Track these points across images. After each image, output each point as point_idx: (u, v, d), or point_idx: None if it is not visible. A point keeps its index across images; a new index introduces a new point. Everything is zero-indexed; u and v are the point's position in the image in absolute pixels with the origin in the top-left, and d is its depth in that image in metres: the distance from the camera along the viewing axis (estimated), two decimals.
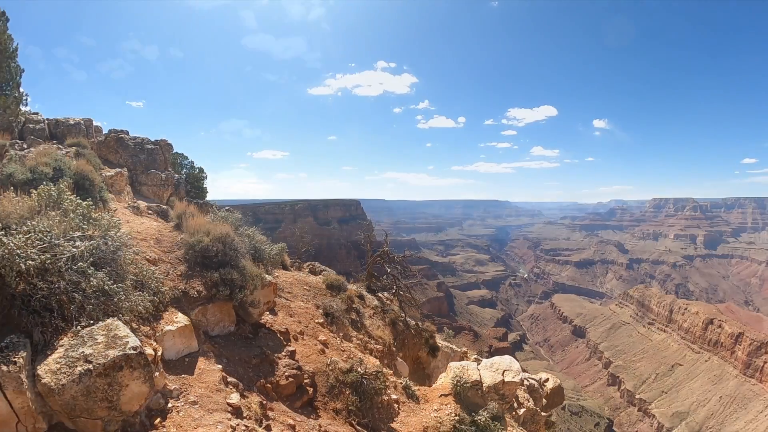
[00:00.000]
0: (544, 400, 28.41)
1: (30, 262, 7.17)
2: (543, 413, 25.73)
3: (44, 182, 11.13)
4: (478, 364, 19.16)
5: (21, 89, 25.66)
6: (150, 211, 20.15)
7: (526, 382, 27.29)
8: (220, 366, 10.43)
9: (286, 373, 11.94)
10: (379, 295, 28.59)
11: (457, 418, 15.68)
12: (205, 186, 37.18)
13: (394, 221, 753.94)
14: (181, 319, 10.45)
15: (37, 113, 28.45)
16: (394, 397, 15.39)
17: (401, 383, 16.90)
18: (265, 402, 10.59)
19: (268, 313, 14.99)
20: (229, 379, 10.29)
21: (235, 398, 9.30)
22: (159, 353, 8.82)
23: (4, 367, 6.34)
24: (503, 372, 18.78)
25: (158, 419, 7.76)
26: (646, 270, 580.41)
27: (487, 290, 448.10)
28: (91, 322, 7.41)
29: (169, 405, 8.26)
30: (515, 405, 23.15)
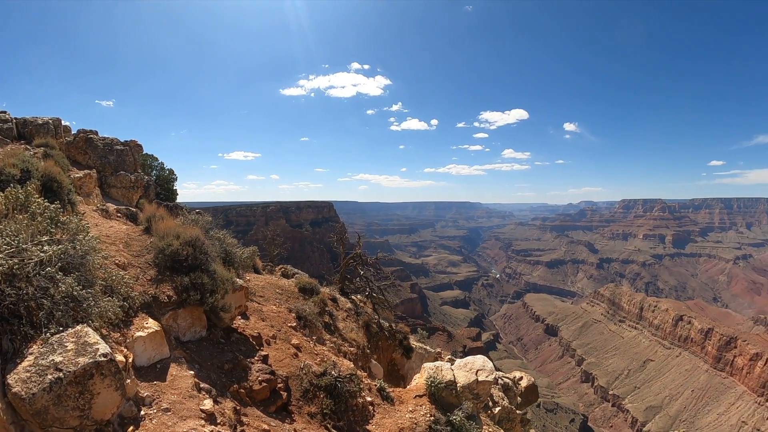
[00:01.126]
0: (518, 398, 28.89)
1: None
2: (518, 411, 26.23)
3: (11, 184, 10.88)
4: (452, 365, 19.24)
5: None
6: (119, 214, 19.78)
7: (500, 381, 27.83)
8: (192, 372, 10.34)
9: (260, 378, 11.89)
10: (353, 297, 28.55)
11: (432, 418, 15.75)
12: (175, 188, 36.67)
13: (367, 223, 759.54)
14: (151, 324, 10.33)
15: (5, 112, 27.70)
16: (368, 399, 15.46)
17: (376, 385, 16.89)
18: (238, 407, 10.54)
19: (240, 317, 14.90)
20: (202, 385, 10.20)
21: (208, 404, 9.24)
22: (130, 360, 8.72)
23: None
24: (477, 371, 18.85)
25: (131, 427, 7.68)
26: (616, 269, 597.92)
27: (460, 291, 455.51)
28: (60, 328, 7.29)
29: (142, 413, 8.17)
30: (490, 404, 23.48)
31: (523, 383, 30.95)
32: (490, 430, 19.57)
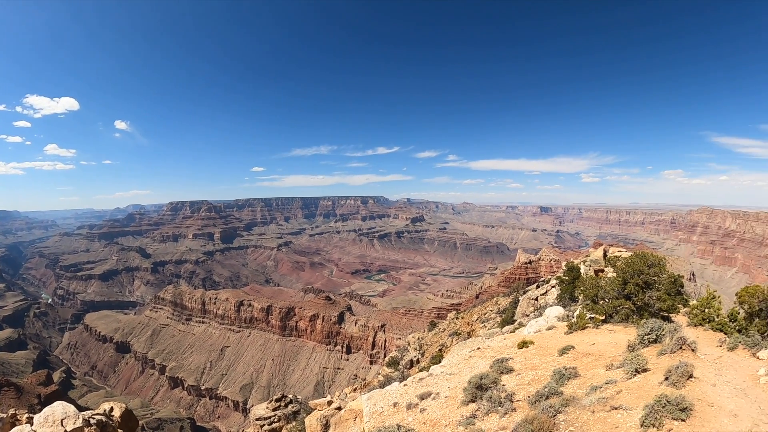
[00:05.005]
0: (119, 430, 26.95)
1: None
2: None
3: None
4: (32, 425, 17.81)
5: None
6: None
7: (92, 421, 24.62)
8: None
9: None
10: None
11: None
12: None
13: None
14: None
15: None
16: None
17: None
18: None
19: None
20: None
21: None
22: None
23: None
24: (62, 422, 17.65)
25: None
26: (172, 270, 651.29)
27: (12, 329, 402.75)
28: None
29: None
30: None
31: (117, 413, 28.64)
32: None
